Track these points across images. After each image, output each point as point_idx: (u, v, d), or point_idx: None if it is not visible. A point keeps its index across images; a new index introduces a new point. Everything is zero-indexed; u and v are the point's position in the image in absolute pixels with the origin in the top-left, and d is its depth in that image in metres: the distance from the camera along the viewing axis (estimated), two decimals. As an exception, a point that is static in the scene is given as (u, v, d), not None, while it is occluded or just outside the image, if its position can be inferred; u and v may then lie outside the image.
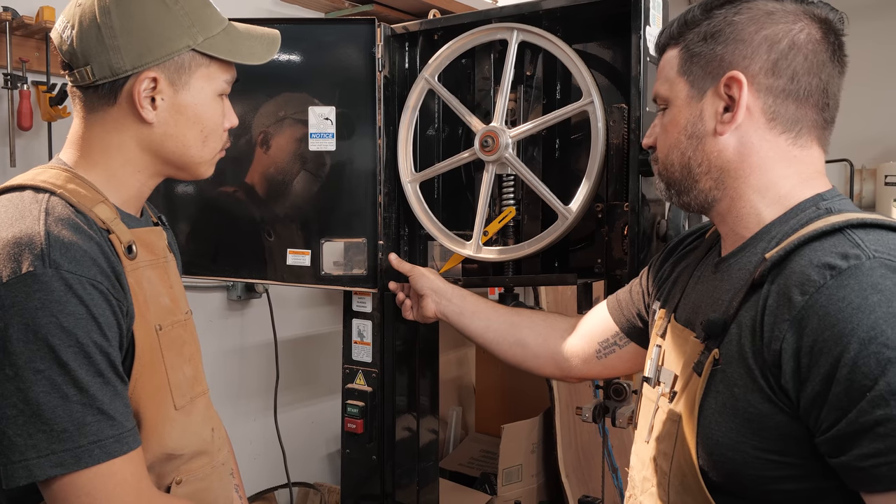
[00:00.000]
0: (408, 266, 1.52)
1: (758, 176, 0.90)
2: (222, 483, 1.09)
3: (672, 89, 0.95)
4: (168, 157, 1.01)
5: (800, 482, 0.81)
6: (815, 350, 0.76)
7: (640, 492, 1.01)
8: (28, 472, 0.82)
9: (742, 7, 0.90)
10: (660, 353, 1.01)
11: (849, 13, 0.92)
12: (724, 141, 0.90)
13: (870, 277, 0.75)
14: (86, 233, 0.88)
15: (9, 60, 1.81)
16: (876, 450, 0.71)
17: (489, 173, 1.45)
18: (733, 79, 0.88)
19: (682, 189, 0.96)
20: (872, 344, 0.72)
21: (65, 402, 0.83)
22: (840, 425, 0.74)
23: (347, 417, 1.60)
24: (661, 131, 0.98)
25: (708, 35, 0.91)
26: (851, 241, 0.78)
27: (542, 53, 1.46)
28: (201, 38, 0.97)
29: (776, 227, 0.88)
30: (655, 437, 0.97)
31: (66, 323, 0.83)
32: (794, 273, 0.80)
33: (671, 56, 0.96)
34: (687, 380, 0.91)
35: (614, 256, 1.37)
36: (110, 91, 0.95)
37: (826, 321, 0.75)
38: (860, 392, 0.72)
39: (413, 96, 1.54)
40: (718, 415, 0.85)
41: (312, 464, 2.67)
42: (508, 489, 2.52)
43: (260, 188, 1.59)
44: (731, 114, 0.89)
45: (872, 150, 3.27)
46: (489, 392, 2.99)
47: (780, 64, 0.87)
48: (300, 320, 2.62)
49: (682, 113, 0.94)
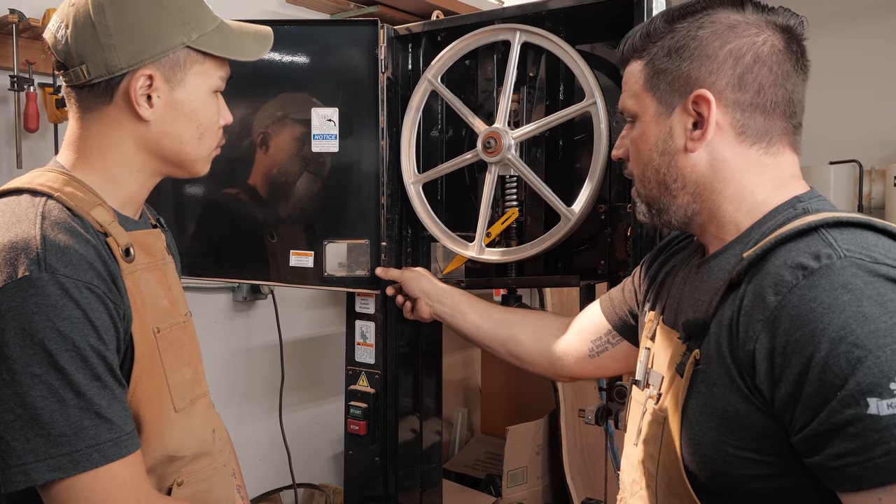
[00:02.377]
0: (396, 272, 1.52)
1: (733, 187, 0.91)
2: (224, 484, 1.09)
3: (640, 104, 0.95)
4: (165, 154, 1.01)
5: (780, 480, 0.81)
6: (787, 350, 0.76)
7: (629, 494, 1.01)
8: (26, 477, 0.82)
9: (705, 20, 0.90)
10: (648, 355, 1.02)
11: (858, 13, 0.92)
12: (695, 157, 0.91)
13: (840, 277, 0.75)
14: (82, 236, 0.88)
15: (15, 62, 1.82)
16: (847, 449, 0.72)
17: (492, 174, 1.45)
18: (701, 97, 0.89)
19: (661, 207, 0.96)
20: (843, 343, 0.72)
21: (62, 407, 0.83)
22: (812, 425, 0.74)
23: (350, 419, 1.60)
24: (632, 145, 0.98)
25: (672, 50, 0.91)
26: (825, 241, 0.79)
27: (544, 54, 1.45)
28: (195, 34, 0.97)
29: (755, 230, 0.89)
30: (643, 440, 0.97)
31: (63, 327, 0.83)
32: (769, 273, 0.80)
33: (636, 69, 0.96)
34: (671, 381, 0.92)
35: (617, 258, 1.37)
36: (106, 90, 0.95)
37: (798, 321, 0.75)
38: (831, 392, 0.72)
39: (416, 97, 1.53)
40: (700, 415, 0.86)
41: (317, 465, 2.67)
42: (513, 491, 2.51)
43: (263, 189, 1.59)
44: (701, 131, 0.90)
45: (881, 150, 3.24)
46: (495, 393, 2.99)
47: (746, 78, 0.88)
48: (305, 321, 2.62)
49: (651, 129, 0.94)
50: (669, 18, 0.93)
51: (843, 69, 3.21)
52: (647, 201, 0.98)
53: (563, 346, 1.30)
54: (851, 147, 3.13)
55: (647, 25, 0.95)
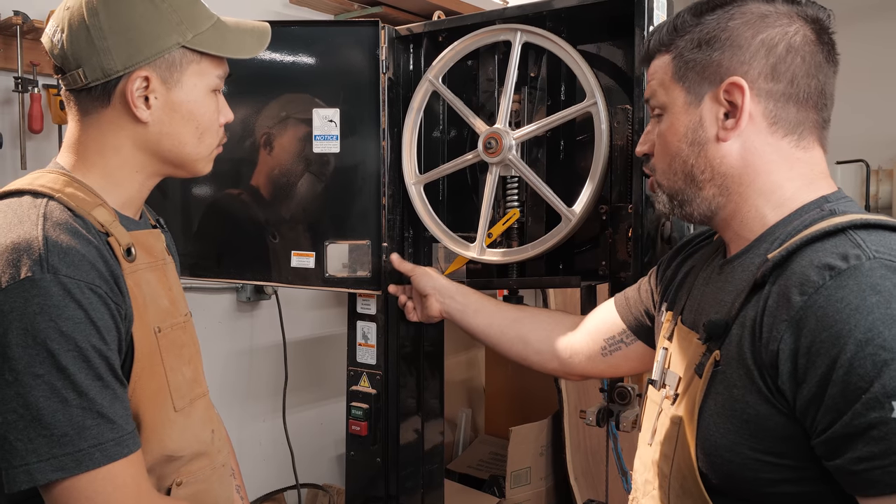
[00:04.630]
0: (409, 266, 1.51)
1: (762, 180, 0.89)
2: (223, 484, 1.09)
3: (668, 94, 0.94)
4: (165, 155, 1.01)
5: (797, 485, 0.80)
6: (812, 351, 0.75)
7: (641, 494, 1.01)
8: (29, 477, 0.82)
9: (735, 12, 0.89)
10: (666, 355, 1.00)
11: (864, 13, 0.92)
12: (726, 147, 0.89)
13: (869, 278, 0.74)
14: (84, 237, 0.89)
15: (20, 64, 1.83)
16: (870, 453, 0.71)
17: (493, 175, 1.44)
18: (734, 85, 0.87)
19: (685, 199, 0.94)
20: (869, 346, 0.71)
21: (64, 407, 0.83)
22: (835, 427, 0.73)
23: (352, 420, 1.59)
24: (659, 139, 0.96)
25: (702, 41, 0.90)
26: (853, 242, 0.77)
27: (546, 55, 1.45)
28: (190, 34, 0.97)
29: (780, 228, 0.88)
30: (658, 440, 0.96)
31: (65, 327, 0.83)
32: (794, 273, 0.79)
33: (663, 62, 0.94)
34: (689, 382, 0.91)
35: (618, 259, 1.36)
36: (103, 93, 0.95)
37: (824, 322, 0.74)
38: (855, 394, 0.71)
39: (417, 98, 1.53)
40: (717, 416, 0.85)
41: (321, 465, 2.68)
42: (516, 492, 2.51)
43: (264, 190, 1.59)
44: (735, 120, 0.88)
45: (889, 150, 3.22)
46: (499, 394, 2.99)
47: (779, 68, 0.87)
48: (309, 322, 2.63)
49: (680, 120, 0.92)
50: (697, 12, 0.91)
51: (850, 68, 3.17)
52: (669, 193, 0.96)
53: (574, 345, 1.29)
54: (858, 147, 3.11)
55: (674, 20, 0.94)
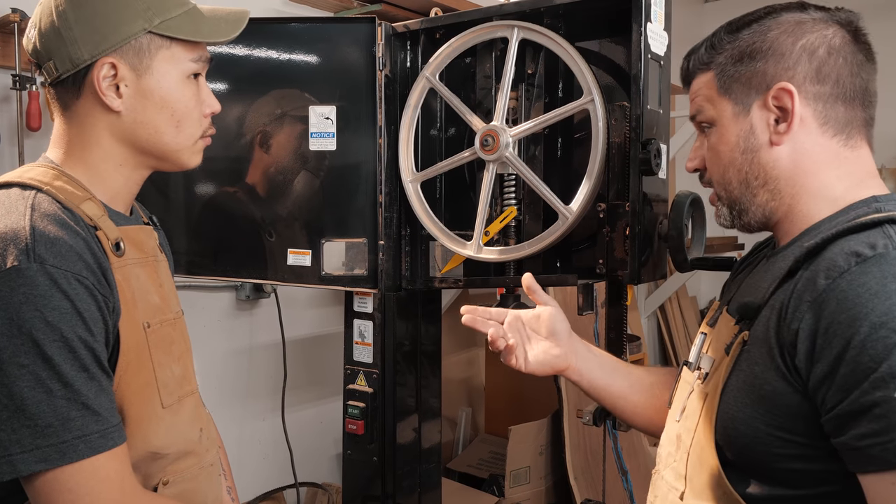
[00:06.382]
0: (544, 295, 1.22)
1: (812, 179, 0.92)
2: (211, 484, 1.09)
3: (716, 108, 0.96)
4: (143, 146, 1.00)
5: (807, 462, 0.83)
6: (829, 332, 0.78)
7: (663, 466, 1.03)
8: (12, 468, 0.82)
9: (771, 23, 0.92)
10: (705, 339, 1.03)
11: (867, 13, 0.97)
12: (778, 151, 0.92)
13: (893, 266, 0.77)
14: (72, 228, 0.88)
15: (17, 61, 1.83)
16: (872, 430, 0.74)
17: (490, 173, 1.43)
18: (783, 90, 0.90)
19: (742, 208, 0.97)
20: (883, 329, 0.74)
21: (49, 397, 0.82)
22: (842, 405, 0.76)
23: (348, 418, 1.59)
24: (710, 152, 0.99)
25: (743, 54, 0.93)
26: (885, 234, 0.80)
27: (543, 51, 1.44)
28: (157, 20, 0.96)
29: (825, 223, 0.90)
30: (686, 416, 0.99)
31: (51, 317, 0.83)
32: (824, 259, 0.82)
33: (706, 79, 0.97)
34: (720, 361, 0.94)
35: (616, 257, 1.35)
36: (74, 84, 0.96)
37: (843, 304, 0.77)
38: (865, 374, 0.74)
39: (414, 95, 1.52)
40: (737, 391, 0.88)
41: (320, 464, 2.67)
42: (516, 491, 2.50)
43: (261, 188, 1.59)
44: (786, 124, 0.91)
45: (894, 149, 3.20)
46: (499, 393, 2.98)
47: (823, 70, 0.90)
48: (308, 320, 2.62)
49: (730, 130, 0.95)
50: (732, 29, 0.95)
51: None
52: (728, 203, 0.99)
53: None
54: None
55: (710, 38, 0.97)
